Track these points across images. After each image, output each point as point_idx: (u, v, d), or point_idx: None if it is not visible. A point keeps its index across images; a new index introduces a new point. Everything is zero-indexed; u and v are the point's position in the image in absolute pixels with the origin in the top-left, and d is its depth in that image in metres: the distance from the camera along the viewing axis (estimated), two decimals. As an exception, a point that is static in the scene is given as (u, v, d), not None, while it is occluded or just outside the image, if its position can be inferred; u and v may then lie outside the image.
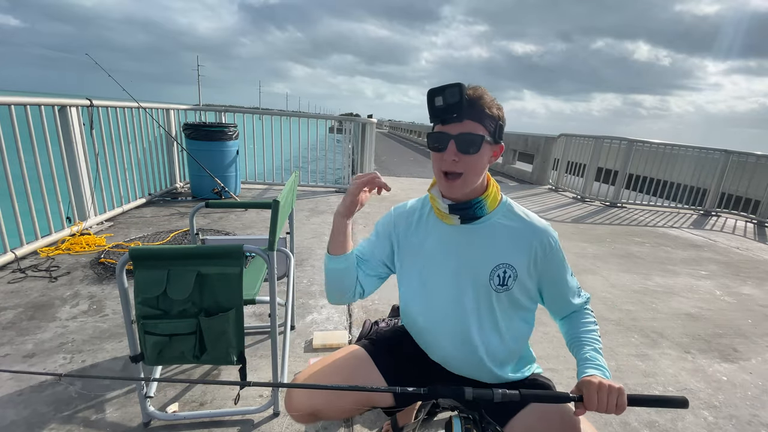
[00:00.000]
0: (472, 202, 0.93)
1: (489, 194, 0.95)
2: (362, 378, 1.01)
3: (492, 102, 0.87)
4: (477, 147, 0.86)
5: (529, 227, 0.96)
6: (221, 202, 2.14)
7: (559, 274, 0.99)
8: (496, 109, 0.87)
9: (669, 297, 2.94)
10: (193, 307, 1.21)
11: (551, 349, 2.07)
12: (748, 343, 2.37)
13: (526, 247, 0.94)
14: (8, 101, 2.57)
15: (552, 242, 0.96)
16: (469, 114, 0.85)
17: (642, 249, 4.11)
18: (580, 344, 0.94)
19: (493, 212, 0.96)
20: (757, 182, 6.21)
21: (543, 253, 0.95)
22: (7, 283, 2.36)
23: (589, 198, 6.59)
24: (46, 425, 1.39)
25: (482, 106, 0.85)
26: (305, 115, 5.99)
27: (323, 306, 2.37)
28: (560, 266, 0.99)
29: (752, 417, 1.73)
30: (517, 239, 0.94)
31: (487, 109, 0.86)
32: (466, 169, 0.87)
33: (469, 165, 0.87)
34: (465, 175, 0.88)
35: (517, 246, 0.94)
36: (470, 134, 0.85)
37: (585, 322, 1.00)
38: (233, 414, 1.49)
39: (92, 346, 1.83)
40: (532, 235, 0.95)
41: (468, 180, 0.89)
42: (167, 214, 3.93)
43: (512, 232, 0.95)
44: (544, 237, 0.95)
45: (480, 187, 0.94)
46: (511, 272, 0.94)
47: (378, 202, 5.19)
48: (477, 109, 0.85)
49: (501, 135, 0.90)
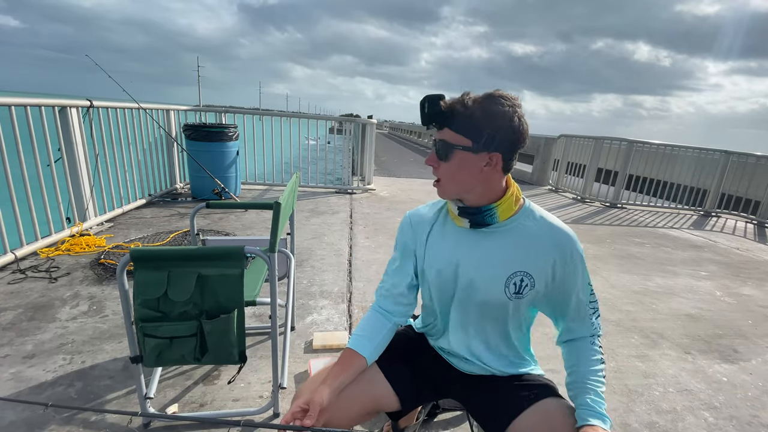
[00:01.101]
0: (482, 209, 0.91)
1: (503, 202, 0.91)
2: (368, 384, 1.00)
3: (484, 113, 0.84)
4: (446, 155, 0.88)
5: (550, 234, 0.93)
6: (222, 203, 2.14)
7: (573, 288, 0.95)
8: (487, 119, 0.84)
9: (669, 298, 2.94)
10: (194, 309, 1.21)
11: (551, 349, 2.07)
12: (749, 343, 2.37)
13: (545, 255, 0.92)
14: (8, 102, 2.57)
15: (573, 252, 0.93)
16: (450, 123, 0.86)
17: (642, 250, 4.11)
18: (583, 387, 0.90)
19: (511, 218, 0.93)
20: (757, 183, 6.21)
21: (563, 262, 0.92)
22: (7, 283, 2.35)
23: (589, 199, 6.59)
24: (45, 426, 1.39)
25: (465, 117, 0.84)
26: (305, 115, 5.99)
27: (323, 307, 2.37)
28: (577, 280, 0.95)
29: (752, 418, 1.73)
30: (537, 246, 0.92)
31: (471, 120, 0.84)
32: (443, 175, 0.90)
33: (445, 172, 0.90)
34: (442, 181, 0.91)
35: (537, 253, 0.92)
36: (444, 142, 0.87)
37: (593, 360, 0.94)
38: (233, 415, 1.49)
39: (92, 347, 1.83)
40: (551, 243, 0.92)
41: (446, 186, 0.91)
42: (167, 215, 3.93)
43: (532, 239, 0.92)
44: (565, 245, 0.92)
45: (493, 194, 0.91)
46: (528, 281, 0.92)
47: (378, 203, 5.19)
48: (458, 119, 0.85)
49: (494, 145, 0.85)
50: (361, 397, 0.97)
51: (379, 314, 1.05)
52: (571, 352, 0.98)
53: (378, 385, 1.01)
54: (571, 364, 0.96)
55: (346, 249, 3.36)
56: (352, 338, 1.01)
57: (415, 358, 1.09)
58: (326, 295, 2.51)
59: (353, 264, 3.04)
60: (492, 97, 0.85)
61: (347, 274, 2.86)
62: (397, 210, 4.85)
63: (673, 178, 6.54)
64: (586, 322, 0.97)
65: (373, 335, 1.01)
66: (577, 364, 0.94)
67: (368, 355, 0.98)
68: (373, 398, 0.99)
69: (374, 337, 1.01)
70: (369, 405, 0.99)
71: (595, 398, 0.87)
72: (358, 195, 5.60)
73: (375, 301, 1.09)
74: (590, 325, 0.98)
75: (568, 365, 0.96)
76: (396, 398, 1.01)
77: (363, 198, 5.45)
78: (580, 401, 0.88)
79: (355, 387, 0.97)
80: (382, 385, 1.01)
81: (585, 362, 0.93)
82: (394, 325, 1.05)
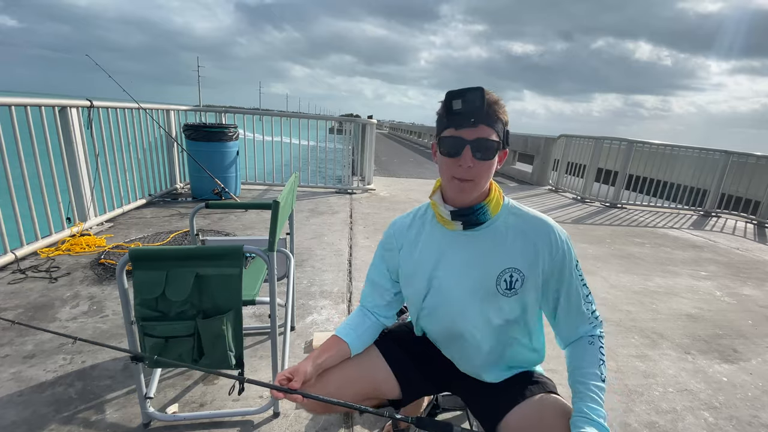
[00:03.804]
0: (475, 207, 0.91)
1: (491, 199, 0.92)
2: (371, 370, 1.02)
3: (504, 107, 0.86)
4: (493, 153, 0.85)
5: (533, 227, 0.93)
6: (221, 203, 2.14)
7: (565, 280, 0.93)
8: (504, 114, 0.86)
9: (669, 298, 2.94)
10: (192, 308, 1.21)
11: (551, 349, 2.06)
12: (749, 343, 2.37)
13: (531, 248, 0.92)
14: (8, 102, 2.57)
15: (557, 241, 0.92)
16: (485, 119, 0.83)
17: (642, 250, 4.11)
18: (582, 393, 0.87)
19: (496, 216, 0.94)
20: (757, 183, 6.21)
21: (549, 253, 0.92)
22: (7, 283, 2.36)
23: (589, 199, 6.59)
24: (46, 425, 1.39)
25: (496, 111, 0.84)
26: (305, 116, 5.99)
27: (323, 307, 2.37)
28: (567, 271, 0.93)
29: (752, 418, 1.73)
30: (522, 241, 0.92)
31: (500, 115, 0.85)
32: (479, 175, 0.86)
33: (482, 171, 0.86)
34: (476, 181, 0.87)
35: (523, 248, 0.92)
36: (487, 140, 0.83)
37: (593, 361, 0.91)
38: (233, 415, 1.49)
39: (92, 346, 1.83)
40: (535, 236, 0.92)
41: (479, 186, 0.88)
42: (167, 215, 3.93)
43: (516, 234, 0.93)
44: (548, 235, 0.92)
45: (485, 191, 0.92)
46: (518, 276, 0.92)
47: (378, 203, 5.19)
48: (492, 114, 0.83)
49: (508, 140, 0.88)
50: (361, 380, 1.00)
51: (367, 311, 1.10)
52: (573, 354, 0.95)
53: (380, 371, 1.03)
54: (572, 366, 0.94)
55: (346, 249, 3.36)
56: (340, 327, 1.05)
57: (418, 349, 1.10)
58: (326, 295, 2.51)
59: (353, 264, 3.04)
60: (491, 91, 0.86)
61: (347, 274, 2.86)
62: (397, 210, 4.84)
63: (673, 178, 6.54)
64: (584, 316, 0.95)
65: (357, 326, 1.05)
66: (579, 367, 0.92)
67: (351, 342, 1.01)
68: (374, 382, 1.01)
69: (359, 327, 1.05)
70: (370, 389, 1.01)
71: (592, 405, 0.84)
72: (358, 195, 5.60)
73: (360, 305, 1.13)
74: (587, 320, 0.95)
75: (570, 367, 0.95)
76: (397, 385, 1.03)
77: (363, 198, 5.45)
78: (578, 407, 0.86)
79: (356, 369, 1.00)
80: (384, 371, 1.03)
81: (586, 364, 0.91)
82: (381, 323, 1.09)
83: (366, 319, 1.08)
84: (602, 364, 0.91)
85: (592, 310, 0.97)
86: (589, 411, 0.83)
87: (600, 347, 0.93)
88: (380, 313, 1.09)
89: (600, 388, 0.88)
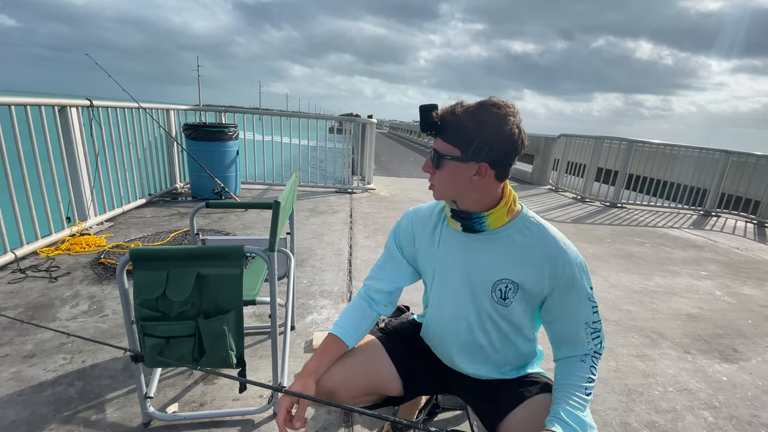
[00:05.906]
0: (473, 215, 0.92)
1: (495, 212, 0.91)
2: (375, 365, 1.03)
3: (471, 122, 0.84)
4: (438, 164, 0.90)
5: (543, 248, 0.91)
6: (221, 203, 2.14)
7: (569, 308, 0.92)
8: (476, 128, 0.83)
9: (669, 297, 2.94)
10: (192, 308, 1.21)
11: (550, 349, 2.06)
12: (749, 343, 2.37)
13: (535, 267, 0.91)
14: (8, 101, 2.57)
15: (564, 266, 0.90)
16: (441, 133, 0.88)
17: (642, 249, 4.11)
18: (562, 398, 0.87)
19: (500, 229, 0.93)
20: (757, 183, 6.21)
21: (553, 274, 0.90)
22: (7, 283, 2.35)
23: (589, 198, 6.59)
24: (46, 425, 1.39)
25: (455, 126, 0.85)
26: (305, 115, 5.99)
27: (323, 306, 2.37)
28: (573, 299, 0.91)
29: (752, 417, 1.73)
30: (525, 258, 0.92)
31: (460, 130, 0.85)
32: (438, 182, 0.92)
33: (437, 179, 0.92)
34: (437, 187, 0.93)
35: (524, 265, 0.92)
36: (437, 152, 0.89)
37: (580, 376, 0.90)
38: (233, 414, 1.49)
39: (92, 346, 1.83)
40: (543, 257, 0.91)
41: (441, 191, 0.94)
42: (167, 215, 3.93)
43: (521, 250, 0.92)
44: (555, 259, 0.90)
45: (488, 202, 0.91)
46: (513, 288, 0.93)
47: (378, 202, 5.19)
48: (448, 129, 0.86)
49: (482, 155, 0.84)
50: (365, 377, 1.01)
51: (365, 303, 1.08)
52: (561, 368, 0.95)
53: (384, 367, 1.04)
54: (558, 378, 0.94)
55: (346, 248, 3.36)
56: (336, 325, 1.03)
57: (421, 348, 1.12)
58: (326, 295, 2.51)
59: (353, 264, 3.04)
60: (484, 106, 0.85)
61: (347, 273, 2.86)
62: (397, 210, 4.84)
63: (673, 177, 6.54)
64: (582, 345, 0.94)
65: (358, 327, 1.04)
66: (564, 378, 0.91)
67: (351, 345, 1.02)
68: (377, 379, 1.02)
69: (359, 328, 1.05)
70: (372, 385, 1.02)
71: (569, 409, 0.84)
72: (358, 194, 5.60)
73: (363, 287, 1.11)
74: (585, 345, 0.94)
75: (556, 381, 0.94)
76: (400, 382, 1.04)
77: (363, 197, 5.44)
78: (554, 409, 0.85)
79: (361, 366, 1.00)
80: (388, 368, 1.04)
81: (571, 378, 0.90)
82: (377, 315, 1.09)
83: (366, 314, 1.07)
84: (589, 382, 0.89)
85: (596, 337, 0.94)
86: (564, 413, 0.83)
87: (591, 366, 0.92)
88: (381, 301, 1.08)
89: (582, 398, 0.86)
